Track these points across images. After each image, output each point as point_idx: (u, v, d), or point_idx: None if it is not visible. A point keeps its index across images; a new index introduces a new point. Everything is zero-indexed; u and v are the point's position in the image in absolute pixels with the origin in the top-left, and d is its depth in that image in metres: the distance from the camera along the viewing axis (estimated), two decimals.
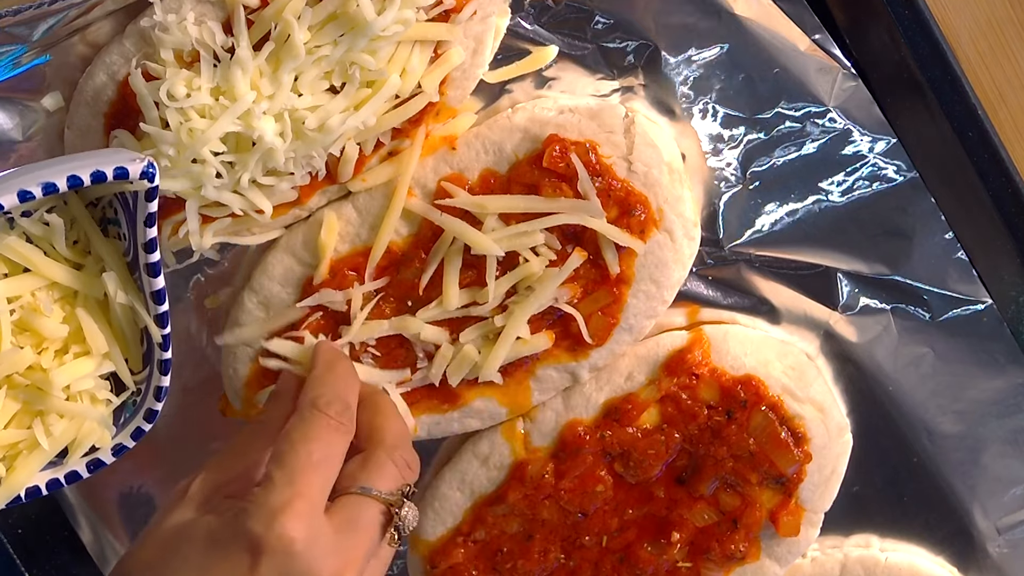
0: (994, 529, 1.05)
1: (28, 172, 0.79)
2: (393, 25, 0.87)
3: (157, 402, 0.84)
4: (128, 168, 0.77)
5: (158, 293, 0.81)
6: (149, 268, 0.81)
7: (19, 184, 0.75)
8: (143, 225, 0.80)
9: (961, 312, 1.01)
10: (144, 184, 0.78)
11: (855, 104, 0.98)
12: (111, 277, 0.82)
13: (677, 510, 1.00)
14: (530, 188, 0.93)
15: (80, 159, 0.81)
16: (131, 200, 0.80)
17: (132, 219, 0.81)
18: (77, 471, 0.85)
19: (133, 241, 0.81)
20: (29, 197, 0.75)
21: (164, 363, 0.84)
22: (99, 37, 0.91)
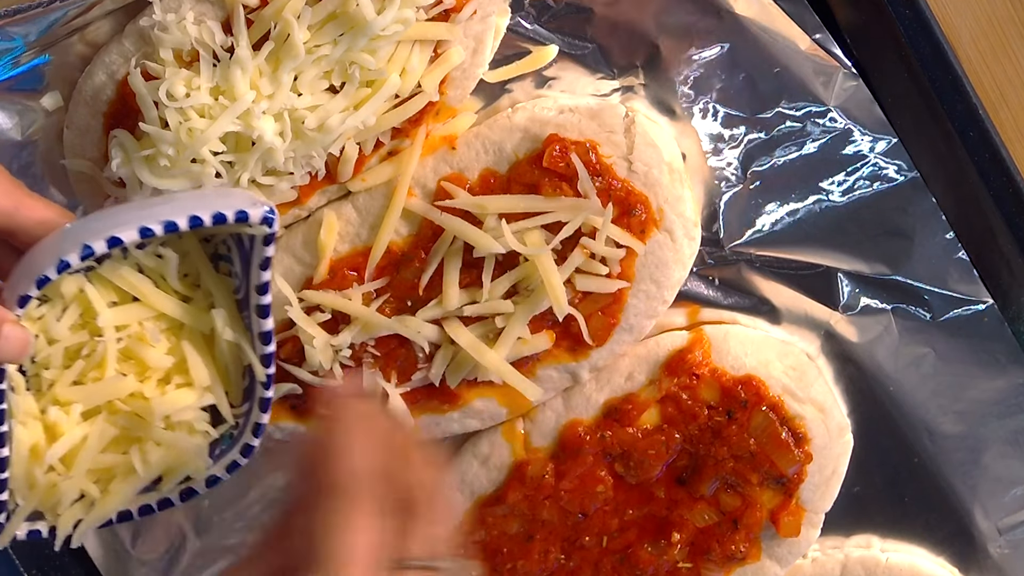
0: (995, 529, 1.05)
1: (149, 207, 0.80)
2: (393, 24, 0.86)
3: (255, 438, 0.84)
4: (249, 212, 0.78)
5: (266, 334, 0.82)
6: (260, 309, 0.81)
7: (141, 221, 0.76)
8: (258, 268, 0.80)
9: (962, 312, 1.01)
10: (263, 229, 0.79)
11: (856, 104, 0.98)
12: (220, 314, 0.83)
13: (677, 510, 1.00)
14: (530, 188, 0.93)
15: (201, 198, 0.82)
16: (247, 242, 0.81)
17: (246, 260, 0.82)
18: (170, 499, 0.85)
19: (246, 281, 0.82)
20: (149, 234, 0.76)
21: (265, 401, 0.84)
22: (98, 37, 0.91)
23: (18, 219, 0.78)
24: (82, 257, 0.75)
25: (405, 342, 0.95)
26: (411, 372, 0.96)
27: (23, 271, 0.77)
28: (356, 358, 0.96)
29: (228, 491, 1.05)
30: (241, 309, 0.84)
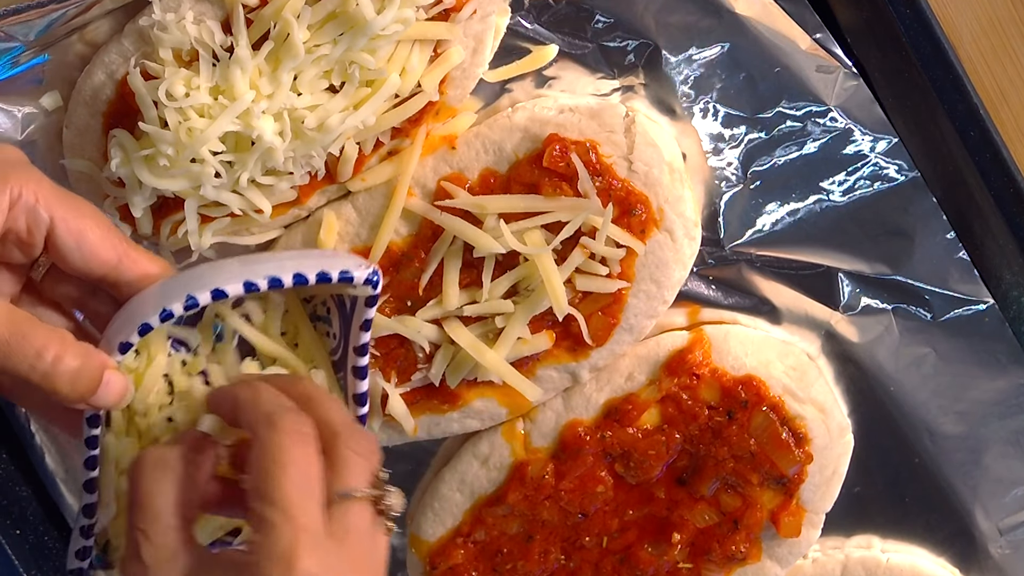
0: (996, 530, 1.05)
1: (253, 263, 0.80)
2: (393, 24, 0.86)
3: None
4: (354, 274, 0.78)
5: (361, 396, 0.83)
6: (357, 371, 0.82)
7: (245, 275, 0.77)
8: (358, 329, 0.81)
9: (963, 312, 1.01)
10: (367, 290, 0.79)
11: (856, 103, 0.98)
12: (319, 374, 0.83)
13: (678, 511, 1.00)
14: (530, 188, 0.93)
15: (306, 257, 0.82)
16: (348, 302, 0.81)
17: (345, 320, 0.82)
18: None
19: (343, 341, 0.83)
20: (254, 289, 0.77)
21: None
22: (98, 36, 0.91)
23: (121, 271, 0.78)
24: (186, 307, 0.75)
25: (405, 342, 0.95)
26: (411, 372, 0.96)
27: (125, 319, 0.77)
28: None
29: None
30: (337, 370, 0.84)
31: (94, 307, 0.81)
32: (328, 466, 0.74)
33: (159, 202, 0.91)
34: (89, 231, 0.77)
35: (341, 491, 0.73)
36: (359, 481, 0.74)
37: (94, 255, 0.77)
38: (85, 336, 0.80)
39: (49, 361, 0.73)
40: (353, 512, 0.73)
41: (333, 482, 0.73)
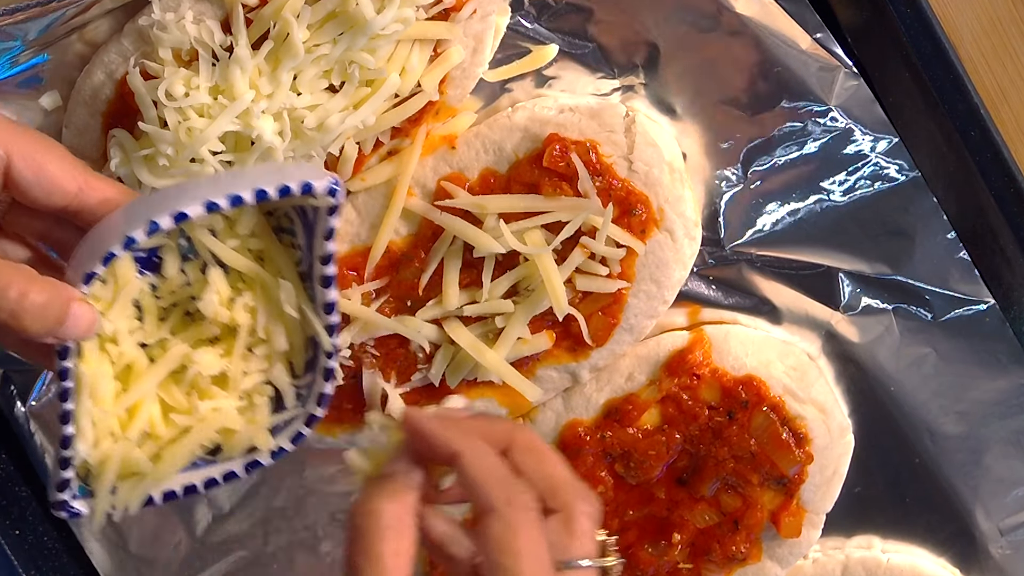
0: (996, 530, 1.05)
1: (214, 183, 0.80)
2: (392, 24, 0.86)
3: (319, 408, 0.84)
4: (314, 184, 0.78)
5: (330, 304, 0.82)
6: (324, 279, 0.81)
7: (207, 196, 0.76)
8: (322, 239, 0.80)
9: (963, 312, 1.01)
10: (328, 200, 0.79)
11: (857, 103, 0.98)
12: (287, 286, 0.83)
13: (678, 511, 1.00)
14: (530, 187, 0.93)
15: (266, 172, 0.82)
16: (310, 213, 0.81)
17: (310, 231, 0.82)
18: (235, 471, 0.84)
19: (309, 252, 0.82)
20: (215, 208, 0.76)
21: (329, 371, 0.84)
22: (97, 36, 0.91)
23: (82, 199, 0.78)
24: (148, 233, 0.75)
25: (405, 342, 0.95)
26: (411, 372, 0.96)
27: (88, 248, 0.77)
28: (355, 358, 0.95)
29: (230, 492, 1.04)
30: (304, 281, 0.84)
31: (58, 237, 0.81)
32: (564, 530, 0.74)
33: None
34: (48, 163, 0.76)
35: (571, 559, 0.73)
36: (588, 550, 0.74)
37: (55, 186, 0.76)
38: (52, 268, 0.79)
39: (14, 298, 0.72)
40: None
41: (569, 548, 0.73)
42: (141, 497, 0.82)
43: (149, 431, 0.82)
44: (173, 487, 0.83)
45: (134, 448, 0.81)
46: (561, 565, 0.72)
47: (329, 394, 0.84)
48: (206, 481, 0.84)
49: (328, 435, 0.99)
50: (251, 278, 0.83)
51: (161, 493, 0.83)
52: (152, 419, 0.82)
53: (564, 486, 0.75)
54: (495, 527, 0.72)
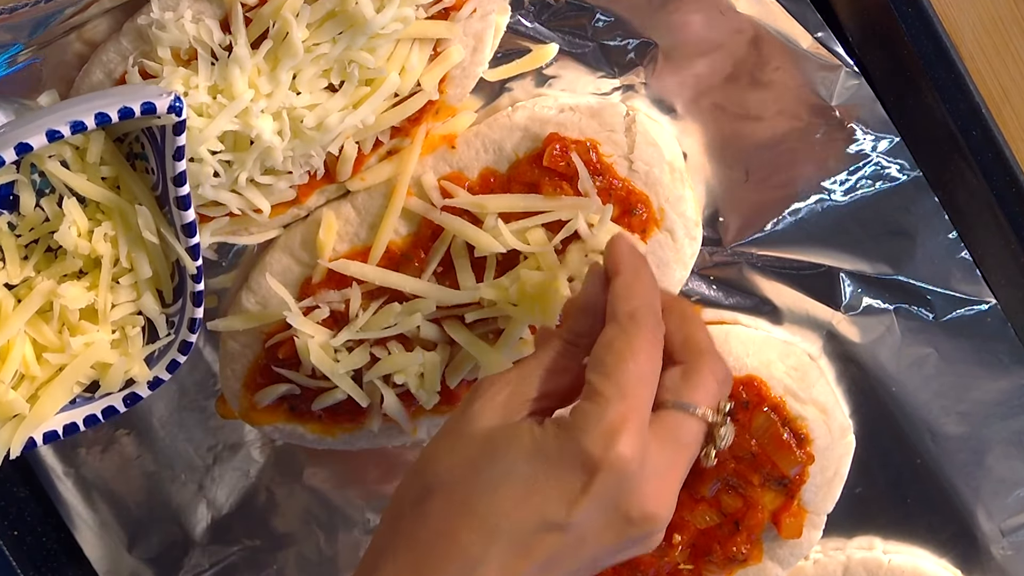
0: (998, 531, 1.05)
1: (54, 112, 0.79)
2: (392, 23, 0.86)
3: (191, 334, 0.84)
4: (156, 103, 0.77)
5: (189, 225, 0.81)
6: (179, 201, 0.80)
7: (47, 124, 0.75)
8: (172, 159, 0.79)
9: (965, 312, 1.01)
10: (172, 118, 0.78)
11: (858, 102, 0.98)
12: (143, 212, 0.82)
13: (678, 512, 0.98)
14: (530, 187, 0.92)
15: (106, 96, 0.81)
16: (159, 134, 0.80)
17: (160, 153, 0.81)
18: (114, 406, 0.84)
19: (162, 175, 0.81)
20: (57, 136, 0.75)
21: (197, 295, 0.83)
22: (96, 35, 0.91)
23: None
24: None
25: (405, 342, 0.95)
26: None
27: None
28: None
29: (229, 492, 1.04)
30: (162, 205, 0.83)
31: None
32: (682, 377, 0.76)
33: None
34: None
35: (683, 402, 0.74)
36: (704, 401, 0.75)
37: None
38: None
39: None
40: (687, 425, 0.74)
41: (681, 391, 0.75)
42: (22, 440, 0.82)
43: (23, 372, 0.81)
44: (54, 427, 0.83)
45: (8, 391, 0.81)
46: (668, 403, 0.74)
47: (199, 319, 0.84)
48: (86, 418, 0.84)
49: (327, 436, 0.99)
50: (108, 207, 0.82)
51: (42, 434, 0.83)
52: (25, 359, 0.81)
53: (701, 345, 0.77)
54: (609, 331, 0.75)
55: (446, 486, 0.73)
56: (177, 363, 0.85)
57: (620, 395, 0.71)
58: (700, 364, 0.76)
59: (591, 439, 0.71)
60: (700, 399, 0.75)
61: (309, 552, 1.06)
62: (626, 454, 0.70)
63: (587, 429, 0.71)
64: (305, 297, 0.94)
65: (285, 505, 1.05)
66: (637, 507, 0.72)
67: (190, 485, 1.05)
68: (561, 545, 0.72)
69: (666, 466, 0.73)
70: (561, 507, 0.71)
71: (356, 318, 0.93)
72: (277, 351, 0.95)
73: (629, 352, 0.73)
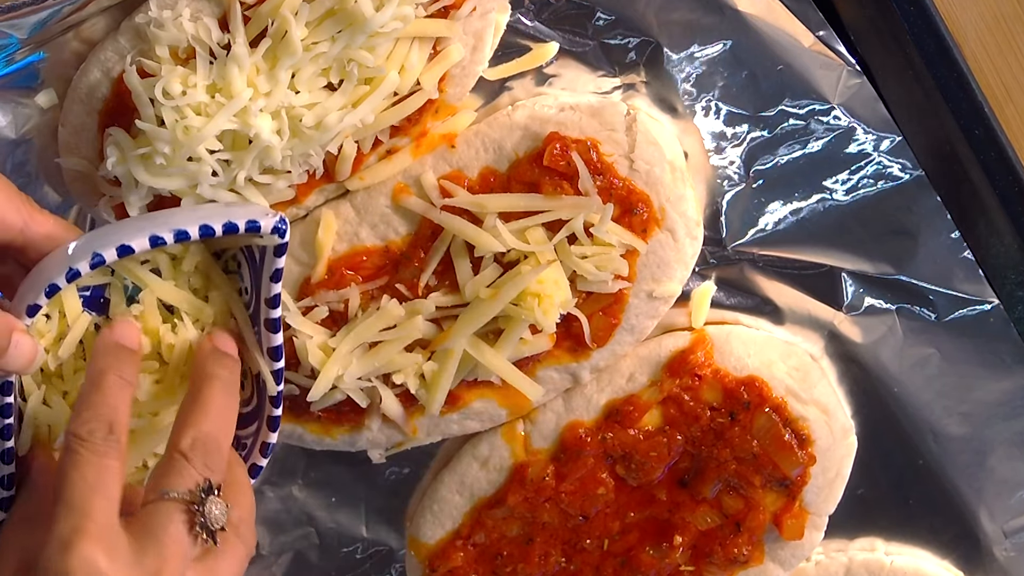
0: (1001, 532, 1.04)
1: (158, 218, 0.80)
2: (392, 21, 0.86)
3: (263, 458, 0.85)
4: (260, 222, 0.78)
5: (276, 349, 0.82)
6: (270, 324, 0.81)
7: (152, 230, 0.76)
8: (268, 280, 0.80)
9: (967, 312, 1.01)
10: (274, 239, 0.79)
11: (860, 101, 0.97)
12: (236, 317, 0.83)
13: (679, 513, 0.99)
14: (530, 186, 0.92)
15: (212, 209, 0.82)
16: (258, 254, 0.81)
17: (256, 273, 0.82)
18: None
19: (255, 295, 0.82)
20: (160, 243, 0.76)
21: (274, 420, 0.84)
22: (94, 34, 0.91)
23: (27, 235, 0.78)
24: (92, 265, 0.75)
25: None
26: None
27: (32, 282, 0.77)
28: None
29: None
30: (252, 324, 0.83)
31: (2, 273, 0.81)
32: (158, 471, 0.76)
33: (155, 201, 0.90)
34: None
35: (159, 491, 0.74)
36: (180, 485, 0.75)
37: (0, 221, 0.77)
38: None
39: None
40: (163, 513, 0.74)
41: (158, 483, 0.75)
42: None
43: None
44: None
45: None
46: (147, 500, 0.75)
47: (273, 443, 0.84)
48: None
49: (327, 436, 0.98)
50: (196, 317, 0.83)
51: None
52: None
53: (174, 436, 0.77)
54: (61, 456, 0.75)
55: None
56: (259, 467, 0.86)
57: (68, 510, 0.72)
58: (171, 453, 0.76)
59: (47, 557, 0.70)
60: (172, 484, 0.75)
61: (307, 553, 1.05)
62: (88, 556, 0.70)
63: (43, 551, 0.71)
64: (304, 297, 0.94)
65: (284, 507, 1.05)
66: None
67: None
68: None
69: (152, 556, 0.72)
70: None
71: (355, 318, 0.93)
72: None
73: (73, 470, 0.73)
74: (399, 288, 0.94)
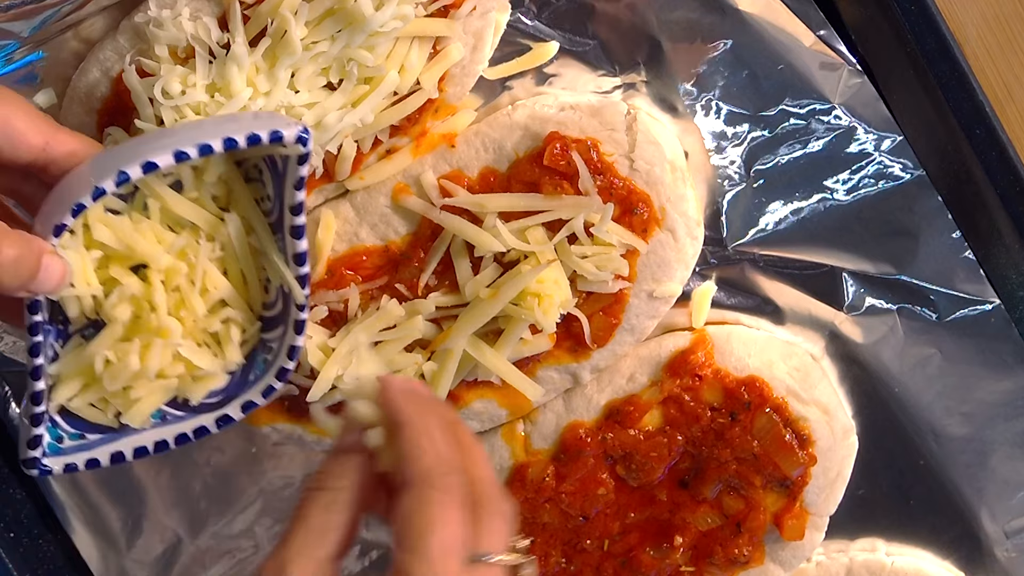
0: (1002, 533, 1.04)
1: (180, 133, 0.80)
2: (391, 21, 0.86)
3: (291, 361, 0.84)
4: (284, 132, 0.78)
5: (301, 255, 0.82)
6: (294, 230, 0.81)
7: (175, 145, 0.76)
8: (292, 188, 0.80)
9: (968, 312, 1.00)
10: (298, 148, 0.79)
11: (861, 101, 0.97)
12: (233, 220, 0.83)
13: (680, 513, 0.99)
14: (530, 186, 0.92)
15: (235, 121, 0.82)
16: (280, 163, 0.81)
17: (279, 182, 0.82)
18: (206, 426, 0.84)
19: (279, 203, 0.82)
20: (185, 158, 0.76)
21: (300, 323, 0.83)
22: (93, 33, 0.91)
23: (49, 153, 0.78)
24: (117, 183, 0.75)
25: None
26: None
27: (57, 200, 0.77)
28: None
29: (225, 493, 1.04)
30: (274, 231, 0.83)
31: (26, 192, 0.81)
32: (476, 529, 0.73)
33: None
34: (14, 118, 0.76)
35: (481, 554, 0.72)
36: (498, 546, 0.74)
37: (22, 141, 0.77)
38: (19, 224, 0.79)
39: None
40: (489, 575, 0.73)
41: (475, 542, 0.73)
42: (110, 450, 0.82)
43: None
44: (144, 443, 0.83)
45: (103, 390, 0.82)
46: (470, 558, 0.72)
47: (300, 347, 0.84)
48: (176, 437, 0.84)
49: (327, 436, 0.98)
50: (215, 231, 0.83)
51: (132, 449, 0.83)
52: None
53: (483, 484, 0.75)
54: (406, 501, 0.72)
55: None
56: (273, 388, 0.85)
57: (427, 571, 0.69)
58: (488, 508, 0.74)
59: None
60: (494, 546, 0.73)
61: None
62: None
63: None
64: None
65: (284, 507, 1.04)
66: None
67: (188, 487, 1.04)
68: None
69: None
70: None
71: (355, 318, 0.93)
72: None
73: (428, 526, 0.71)
74: (399, 288, 0.94)
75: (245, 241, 0.83)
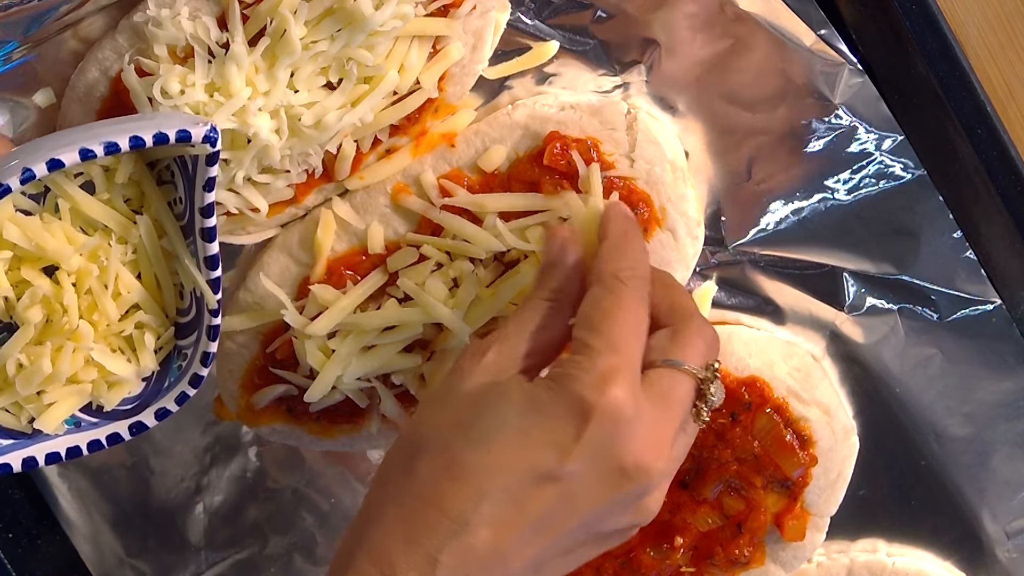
0: (1003, 533, 1.04)
1: (88, 131, 0.79)
2: (391, 20, 0.85)
3: (203, 367, 0.84)
4: (191, 131, 0.77)
5: (212, 258, 0.82)
6: (205, 232, 0.81)
7: (81, 143, 0.76)
8: (201, 189, 0.80)
9: (970, 312, 1.00)
10: (206, 148, 0.78)
11: (861, 101, 0.97)
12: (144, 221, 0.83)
13: (680, 514, 0.99)
14: (530, 186, 0.92)
15: (142, 120, 0.81)
16: (191, 163, 0.80)
17: (190, 182, 0.81)
18: (119, 433, 0.84)
19: (190, 205, 0.82)
20: (91, 156, 0.76)
21: (213, 329, 0.83)
22: (91, 32, 0.90)
23: None
24: (22, 180, 0.74)
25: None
26: None
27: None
28: None
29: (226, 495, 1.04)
30: (186, 235, 0.83)
31: None
32: (670, 338, 0.76)
33: None
34: None
35: (673, 360, 0.74)
36: (694, 359, 0.75)
37: None
38: None
39: None
40: (676, 381, 0.74)
41: (669, 350, 0.75)
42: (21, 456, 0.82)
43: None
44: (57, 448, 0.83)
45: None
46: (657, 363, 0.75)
47: (213, 353, 0.84)
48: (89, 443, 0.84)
49: (326, 437, 0.98)
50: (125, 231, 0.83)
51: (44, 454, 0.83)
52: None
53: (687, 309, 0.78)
54: (595, 291, 0.75)
55: (434, 446, 0.72)
56: (187, 395, 0.85)
57: (611, 348, 0.72)
58: (688, 326, 0.76)
59: (583, 385, 0.70)
60: (689, 357, 0.75)
61: (307, 555, 1.05)
62: (620, 398, 0.70)
63: (579, 377, 0.71)
64: (303, 297, 0.93)
65: (283, 508, 1.04)
66: (630, 456, 0.71)
67: (187, 487, 1.04)
68: (554, 500, 0.70)
69: (659, 421, 0.73)
70: (553, 455, 0.70)
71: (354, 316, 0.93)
72: (275, 351, 0.94)
73: (617, 309, 0.73)
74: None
75: (157, 244, 0.83)
